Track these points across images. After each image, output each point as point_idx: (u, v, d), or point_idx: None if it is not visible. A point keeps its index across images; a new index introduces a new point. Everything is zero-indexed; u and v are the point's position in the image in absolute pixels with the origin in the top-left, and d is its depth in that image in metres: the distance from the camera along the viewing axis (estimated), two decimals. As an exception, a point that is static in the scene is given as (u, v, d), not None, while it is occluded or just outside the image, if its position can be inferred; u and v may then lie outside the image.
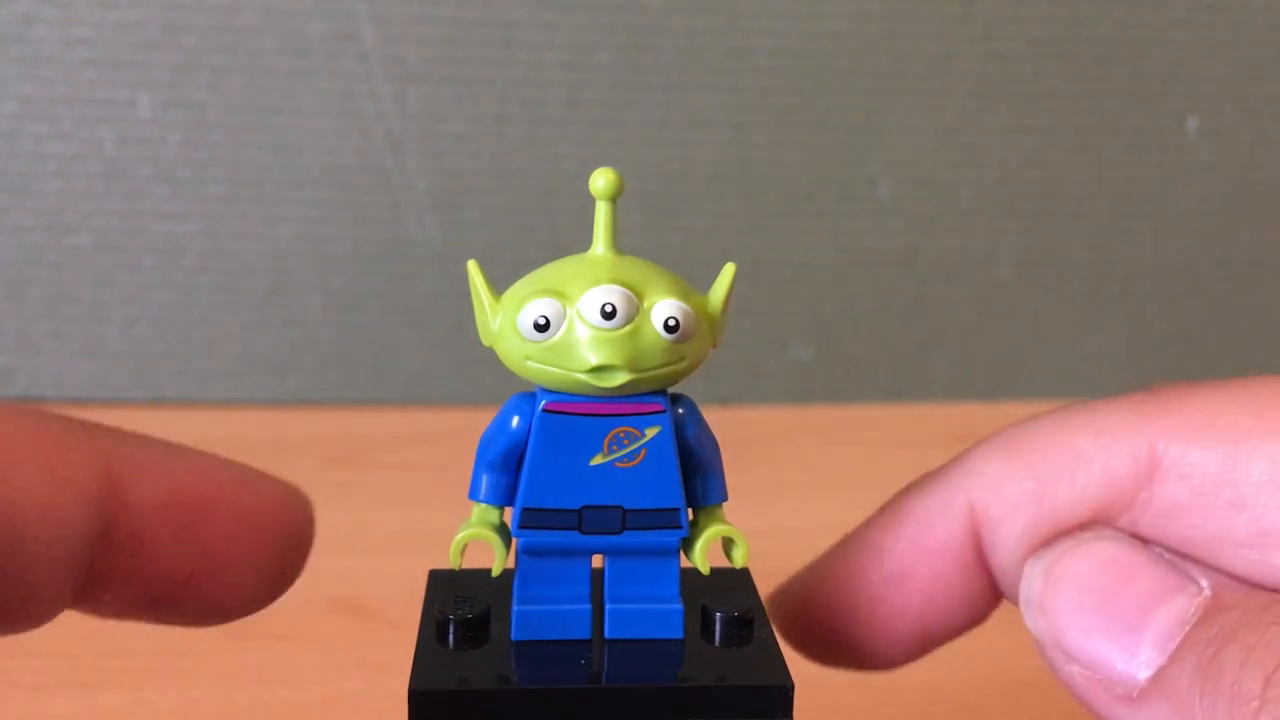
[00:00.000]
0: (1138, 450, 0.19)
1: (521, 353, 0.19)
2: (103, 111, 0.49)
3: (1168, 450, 0.18)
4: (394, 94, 0.50)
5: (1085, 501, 0.19)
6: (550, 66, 0.50)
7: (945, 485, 0.21)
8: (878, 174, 0.52)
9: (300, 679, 0.33)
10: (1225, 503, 0.18)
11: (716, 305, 0.20)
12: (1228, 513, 0.18)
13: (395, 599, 0.36)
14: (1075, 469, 0.19)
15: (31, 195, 0.50)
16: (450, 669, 0.19)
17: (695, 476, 0.20)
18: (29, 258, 0.50)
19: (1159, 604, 0.17)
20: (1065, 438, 0.20)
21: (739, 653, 0.19)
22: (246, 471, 0.18)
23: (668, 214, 0.52)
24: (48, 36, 0.48)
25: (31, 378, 0.52)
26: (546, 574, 0.19)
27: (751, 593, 0.21)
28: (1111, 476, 0.19)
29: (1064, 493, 0.19)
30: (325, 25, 0.49)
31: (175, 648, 0.34)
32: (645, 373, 0.18)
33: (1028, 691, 0.32)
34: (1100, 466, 0.19)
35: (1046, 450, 0.20)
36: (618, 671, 0.19)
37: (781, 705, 0.18)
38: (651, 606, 0.20)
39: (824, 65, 0.51)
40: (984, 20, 0.51)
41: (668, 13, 0.50)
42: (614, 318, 0.18)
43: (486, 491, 0.19)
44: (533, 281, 0.19)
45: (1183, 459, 0.18)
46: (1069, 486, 0.19)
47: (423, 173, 0.51)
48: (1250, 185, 0.54)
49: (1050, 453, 0.20)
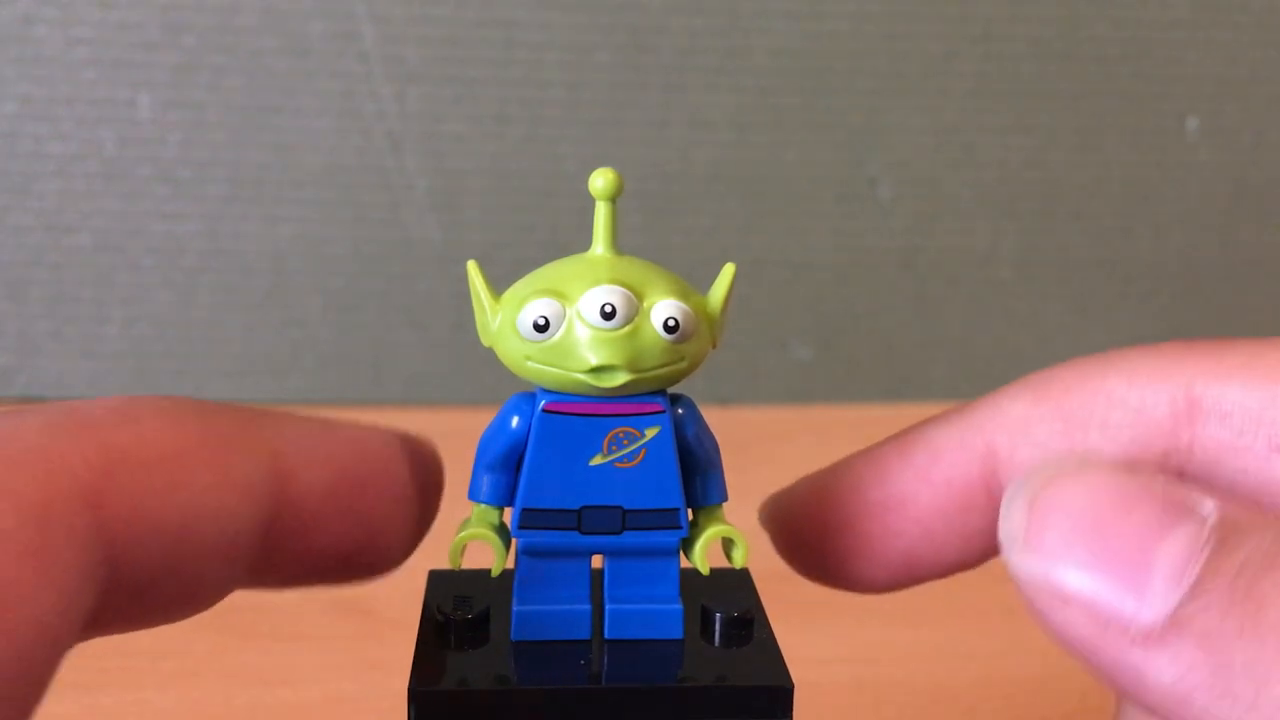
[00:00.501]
0: (1174, 391, 0.18)
1: (521, 353, 0.19)
2: (103, 111, 0.49)
3: (1206, 391, 0.18)
4: (394, 94, 0.50)
5: (1119, 443, 0.18)
6: (550, 66, 0.50)
7: (965, 421, 0.20)
8: (878, 174, 0.52)
9: (300, 679, 0.33)
10: (1265, 443, 0.17)
11: (716, 305, 0.20)
12: (1269, 454, 0.17)
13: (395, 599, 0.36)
14: (1108, 409, 0.18)
15: (31, 195, 0.50)
16: (450, 669, 0.19)
17: (695, 476, 0.20)
18: (29, 258, 0.50)
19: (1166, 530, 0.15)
20: (1097, 379, 0.19)
21: (739, 653, 0.19)
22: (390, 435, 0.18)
23: (668, 214, 0.52)
24: (48, 36, 0.48)
25: (31, 378, 0.52)
26: (546, 574, 0.19)
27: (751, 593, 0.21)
28: (1147, 418, 0.18)
29: (1096, 434, 0.18)
30: (325, 25, 0.49)
31: (175, 648, 0.34)
32: (645, 373, 0.18)
33: (1028, 691, 0.32)
34: (1135, 407, 0.18)
35: (1078, 391, 0.19)
36: (617, 672, 0.19)
37: (781, 705, 0.18)
38: (651, 607, 0.20)
39: (824, 65, 0.51)
40: (984, 20, 0.51)
41: (668, 13, 0.50)
42: (614, 318, 0.18)
43: (486, 492, 0.19)
44: (532, 281, 0.19)
45: (1222, 399, 0.17)
46: (1101, 428, 0.18)
47: (423, 173, 0.51)
48: (1250, 185, 0.54)
49: (1081, 394, 0.19)
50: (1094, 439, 0.18)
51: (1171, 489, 0.15)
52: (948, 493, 0.20)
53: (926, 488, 0.20)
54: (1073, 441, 0.19)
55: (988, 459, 0.20)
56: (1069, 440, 0.19)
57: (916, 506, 0.20)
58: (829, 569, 0.21)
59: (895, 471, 0.20)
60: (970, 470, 0.20)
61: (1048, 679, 0.32)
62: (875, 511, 0.20)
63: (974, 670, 0.33)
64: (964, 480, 0.20)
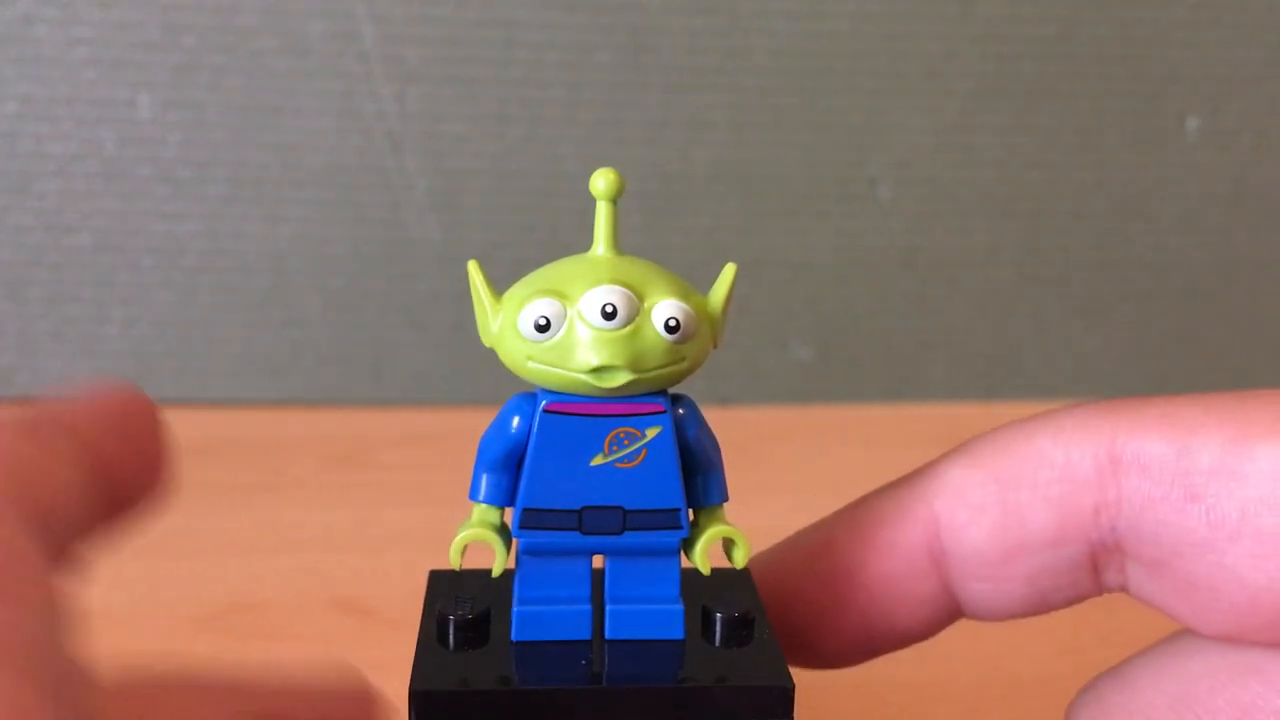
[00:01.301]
0: (1098, 445, 0.19)
1: (522, 353, 0.19)
2: (103, 111, 0.49)
3: (1127, 445, 0.18)
4: (394, 94, 0.50)
5: (1049, 500, 0.19)
6: (550, 66, 0.50)
7: (907, 488, 0.21)
8: (878, 174, 0.52)
9: (300, 679, 0.33)
10: (1181, 495, 0.18)
11: (717, 305, 0.20)
12: (1184, 506, 0.18)
13: (395, 599, 0.36)
14: (1037, 468, 0.19)
15: (31, 195, 0.50)
16: (451, 669, 0.19)
17: (696, 476, 0.20)
18: (29, 258, 0.50)
19: None
20: (1025, 440, 0.19)
21: (739, 653, 0.19)
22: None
23: (668, 214, 0.52)
24: (48, 36, 0.48)
25: (31, 378, 0.52)
26: (547, 574, 0.19)
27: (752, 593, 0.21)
28: (1073, 473, 0.19)
29: (1026, 492, 0.19)
30: (325, 25, 0.49)
31: (175, 648, 0.34)
32: (646, 373, 0.19)
33: (1028, 691, 0.32)
34: (1061, 463, 0.19)
35: (1007, 453, 0.20)
36: (618, 672, 0.19)
37: (782, 706, 0.18)
38: (652, 607, 0.20)
39: (824, 65, 0.51)
40: (984, 20, 0.51)
41: (668, 13, 0.50)
42: (615, 318, 0.18)
43: (487, 492, 0.19)
44: (533, 282, 0.19)
45: (1141, 452, 0.18)
46: (1031, 486, 0.19)
47: (423, 173, 0.51)
48: (1250, 185, 0.54)
49: (1011, 455, 0.19)
50: (1025, 496, 0.19)
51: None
52: (891, 557, 0.20)
53: (872, 554, 0.20)
54: (1006, 501, 0.19)
55: (929, 523, 0.20)
56: (1002, 500, 0.19)
57: (864, 573, 0.20)
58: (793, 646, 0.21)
59: (843, 540, 0.21)
60: (912, 535, 0.20)
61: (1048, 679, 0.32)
62: (826, 581, 0.21)
63: (974, 670, 0.33)
64: (907, 545, 0.20)
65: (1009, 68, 0.52)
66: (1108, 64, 0.52)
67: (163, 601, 0.36)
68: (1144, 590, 0.19)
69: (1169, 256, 0.55)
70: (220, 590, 0.37)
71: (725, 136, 0.51)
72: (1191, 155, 0.53)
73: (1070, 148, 0.53)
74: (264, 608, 0.36)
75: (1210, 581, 0.18)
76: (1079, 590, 0.20)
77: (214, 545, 0.39)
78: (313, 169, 0.50)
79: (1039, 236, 0.54)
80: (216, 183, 0.50)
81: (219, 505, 0.42)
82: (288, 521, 0.42)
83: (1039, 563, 0.19)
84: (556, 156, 0.51)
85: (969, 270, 0.54)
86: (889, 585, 0.20)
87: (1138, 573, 0.19)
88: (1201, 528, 0.18)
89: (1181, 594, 0.18)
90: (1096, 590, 0.20)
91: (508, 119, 0.50)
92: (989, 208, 0.53)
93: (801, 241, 0.53)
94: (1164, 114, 0.53)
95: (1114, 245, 0.54)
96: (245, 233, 0.51)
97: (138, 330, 0.52)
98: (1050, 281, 0.54)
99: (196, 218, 0.51)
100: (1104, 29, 0.52)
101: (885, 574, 0.20)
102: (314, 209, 0.51)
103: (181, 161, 0.50)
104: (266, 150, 0.50)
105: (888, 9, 0.50)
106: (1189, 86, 0.53)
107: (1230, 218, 0.54)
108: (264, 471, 0.46)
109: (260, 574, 0.38)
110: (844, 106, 0.51)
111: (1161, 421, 0.18)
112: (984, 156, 0.53)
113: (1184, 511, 0.18)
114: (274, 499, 0.43)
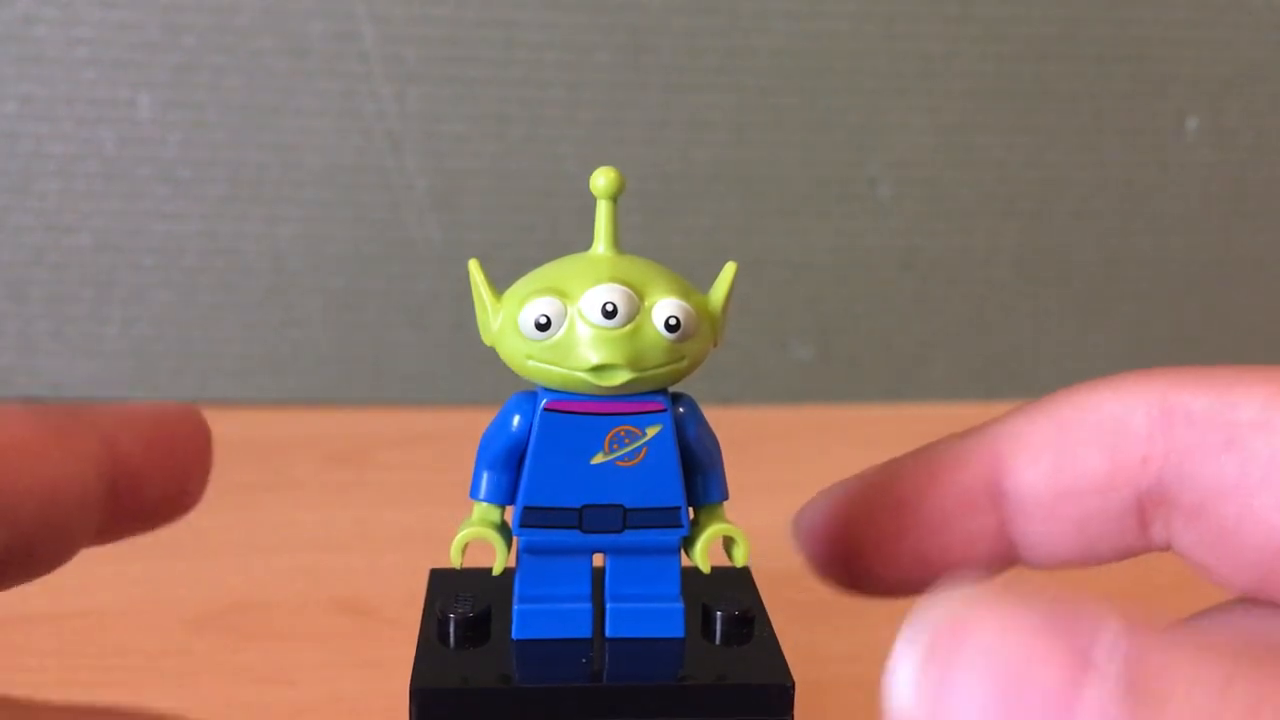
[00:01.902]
0: (1150, 400, 0.20)
1: (523, 352, 0.19)
2: (103, 111, 0.49)
3: (1178, 398, 0.20)
4: (394, 94, 0.50)
5: (1102, 447, 0.20)
6: (550, 66, 0.50)
7: (973, 433, 0.22)
8: (878, 174, 0.52)
9: (300, 679, 0.33)
10: (1220, 442, 0.19)
11: (717, 304, 0.20)
12: (1221, 453, 0.19)
13: (395, 599, 0.36)
14: (1095, 416, 0.20)
15: (31, 195, 0.50)
16: (451, 668, 0.19)
17: (696, 475, 0.20)
18: (29, 258, 0.50)
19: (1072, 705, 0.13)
20: (1088, 391, 0.21)
21: (739, 651, 0.19)
22: (180, 406, 0.20)
23: (668, 214, 0.52)
24: (48, 36, 0.48)
25: (31, 378, 0.52)
26: (547, 573, 0.19)
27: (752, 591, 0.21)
28: (1127, 423, 0.20)
29: (1082, 438, 0.20)
30: (325, 25, 0.49)
31: (175, 648, 0.34)
32: (646, 372, 0.19)
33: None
34: (1117, 413, 0.20)
35: (1069, 403, 0.21)
36: (618, 670, 0.19)
37: (782, 704, 0.18)
38: (652, 605, 0.20)
39: (824, 65, 0.51)
40: (984, 20, 0.51)
41: (668, 13, 0.50)
42: (615, 316, 0.18)
43: (487, 490, 0.19)
44: (534, 280, 0.19)
45: (1190, 404, 0.20)
46: (1087, 432, 0.20)
47: (423, 173, 0.51)
48: (1250, 185, 0.54)
49: (1073, 404, 0.21)
50: (1081, 439, 0.20)
51: (1064, 635, 0.14)
52: (953, 493, 0.21)
53: (934, 487, 0.21)
54: (1062, 444, 0.21)
55: (991, 463, 0.21)
56: (1059, 443, 0.21)
57: (925, 505, 0.21)
58: (849, 569, 0.22)
59: (908, 473, 0.22)
60: (974, 472, 0.21)
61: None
62: (890, 509, 0.21)
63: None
64: (968, 481, 0.21)
65: (1009, 68, 0.52)
66: (1108, 64, 0.52)
67: (163, 601, 0.36)
68: (1183, 543, 0.20)
69: (1169, 256, 0.55)
70: (220, 590, 0.37)
71: (725, 136, 0.51)
72: (1191, 155, 0.53)
73: (1070, 148, 0.53)
74: (264, 608, 0.36)
75: (1238, 526, 0.19)
76: (1126, 541, 0.21)
77: (214, 545, 0.39)
78: (313, 169, 0.50)
79: (1039, 236, 0.54)
80: (216, 183, 0.50)
81: (219, 505, 0.42)
82: (288, 521, 0.42)
83: (1090, 506, 0.20)
84: (556, 156, 0.51)
85: (969, 270, 0.54)
86: (948, 518, 0.21)
87: (1179, 525, 0.20)
88: (1234, 473, 0.19)
89: (1212, 544, 0.20)
90: (1144, 544, 0.21)
91: (508, 119, 0.50)
92: (989, 208, 0.53)
93: (801, 241, 0.53)
94: (1164, 114, 0.53)
95: (1114, 245, 0.54)
96: (245, 233, 0.51)
97: (138, 330, 0.52)
98: (1050, 281, 0.54)
99: (196, 218, 0.51)
100: (1104, 29, 0.52)
101: (945, 507, 0.21)
102: (314, 209, 0.51)
103: (181, 161, 0.50)
104: (266, 150, 0.50)
105: (888, 9, 0.50)
106: (1189, 86, 0.53)
107: (1230, 218, 0.54)
108: (264, 471, 0.46)
109: (260, 574, 0.38)
110: (844, 106, 0.51)
111: (1211, 380, 0.20)
112: (984, 156, 0.53)
113: (1220, 459, 0.19)
114: (274, 499, 0.43)
